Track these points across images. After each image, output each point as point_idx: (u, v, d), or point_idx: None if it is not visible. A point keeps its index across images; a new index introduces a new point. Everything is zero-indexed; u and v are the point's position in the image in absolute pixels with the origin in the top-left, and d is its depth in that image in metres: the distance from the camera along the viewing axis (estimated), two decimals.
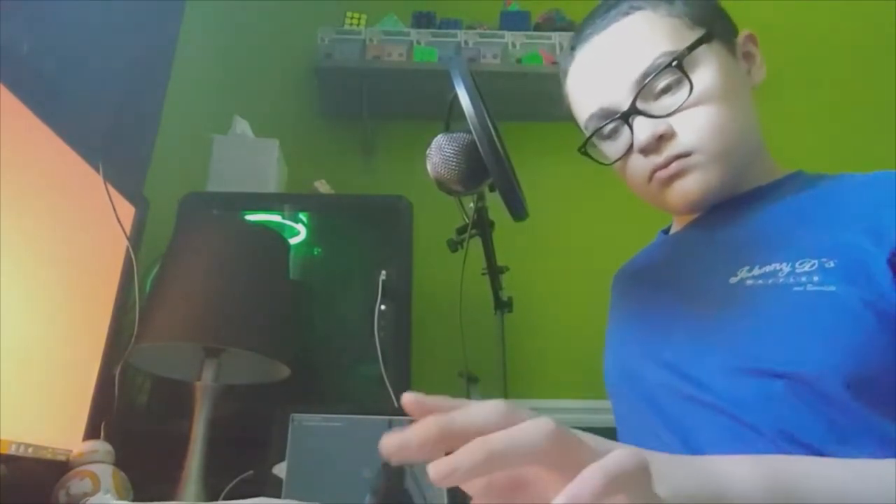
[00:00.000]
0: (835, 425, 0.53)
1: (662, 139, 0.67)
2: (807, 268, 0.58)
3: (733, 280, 0.64)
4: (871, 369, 0.53)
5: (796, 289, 0.58)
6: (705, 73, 0.67)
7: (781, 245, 0.62)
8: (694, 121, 0.66)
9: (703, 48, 0.67)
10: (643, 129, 0.67)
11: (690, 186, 0.68)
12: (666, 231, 0.86)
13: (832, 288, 0.56)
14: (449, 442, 0.32)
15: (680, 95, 0.66)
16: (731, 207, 0.71)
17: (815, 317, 0.56)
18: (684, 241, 0.78)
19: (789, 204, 0.67)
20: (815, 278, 0.57)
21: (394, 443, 0.33)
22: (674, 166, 0.67)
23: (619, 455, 0.31)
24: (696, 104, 0.66)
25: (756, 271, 0.62)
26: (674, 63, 0.65)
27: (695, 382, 0.62)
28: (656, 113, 0.67)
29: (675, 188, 0.69)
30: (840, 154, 1.75)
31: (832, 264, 0.57)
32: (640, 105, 0.67)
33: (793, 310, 0.57)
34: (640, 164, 0.70)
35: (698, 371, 0.62)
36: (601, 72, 0.71)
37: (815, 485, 0.44)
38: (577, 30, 0.76)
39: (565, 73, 0.78)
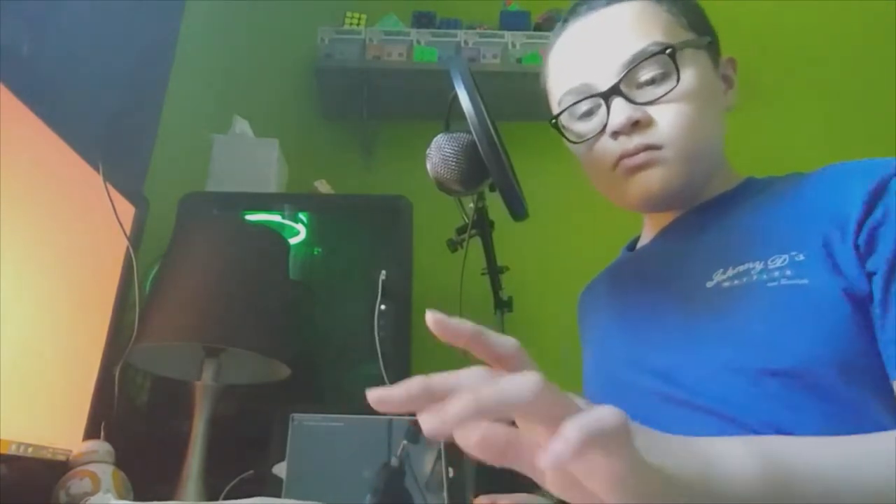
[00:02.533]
0: (829, 418, 0.54)
1: (638, 125, 0.66)
2: (778, 263, 0.59)
3: (709, 284, 0.64)
4: (856, 354, 0.54)
5: (770, 284, 0.59)
6: (691, 73, 0.67)
7: (752, 245, 0.63)
8: (671, 116, 0.66)
9: (692, 51, 0.68)
10: (621, 112, 0.66)
11: (653, 180, 0.68)
12: (630, 248, 0.86)
13: (805, 281, 0.57)
14: (431, 397, 0.33)
15: (663, 88, 0.66)
16: (696, 217, 0.72)
17: (792, 310, 0.57)
18: (653, 253, 0.78)
19: (752, 206, 0.68)
20: (788, 272, 0.58)
21: (377, 395, 0.33)
22: (642, 156, 0.67)
23: (600, 412, 0.31)
24: (676, 100, 0.66)
25: (730, 272, 0.63)
26: (668, 51, 0.65)
27: (685, 388, 0.62)
28: (637, 99, 0.67)
29: (638, 179, 0.68)
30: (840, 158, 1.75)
31: (802, 257, 0.58)
32: (622, 88, 0.67)
33: (770, 306, 0.58)
34: (608, 148, 0.69)
35: (687, 376, 0.62)
36: (591, 48, 0.70)
37: (808, 463, 0.43)
38: (574, 3, 0.75)
39: (551, 46, 0.76)
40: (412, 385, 0.33)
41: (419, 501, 0.86)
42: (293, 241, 1.36)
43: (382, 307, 1.23)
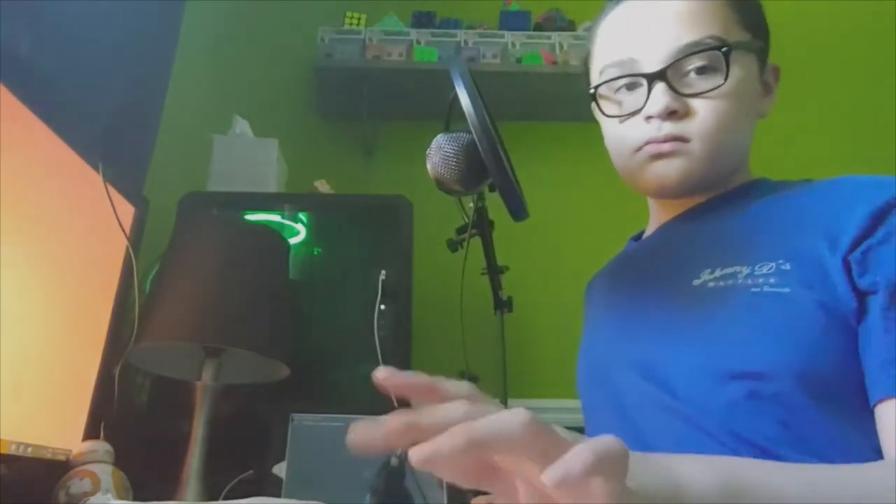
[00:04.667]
0: (788, 428, 0.54)
1: (674, 115, 0.66)
2: (765, 270, 0.59)
3: (696, 282, 0.64)
4: (823, 369, 0.54)
5: (753, 289, 0.59)
6: (738, 74, 0.67)
7: (743, 248, 0.63)
8: (708, 112, 0.66)
9: (743, 52, 0.68)
10: (661, 98, 0.66)
11: (672, 170, 0.68)
12: (636, 238, 0.86)
13: (786, 290, 0.57)
14: (417, 434, 0.33)
15: (708, 83, 0.66)
16: (698, 213, 0.72)
17: (768, 317, 0.57)
18: (652, 245, 0.78)
19: (752, 209, 0.68)
20: (772, 280, 0.58)
21: (359, 436, 0.33)
22: (668, 145, 0.67)
23: (606, 439, 0.32)
24: (717, 98, 0.66)
25: (717, 273, 0.63)
26: (723, 49, 0.65)
27: (660, 385, 0.62)
28: (679, 89, 0.67)
29: (658, 166, 0.68)
30: (848, 159, 1.75)
31: (788, 266, 0.58)
32: (669, 74, 0.66)
33: (748, 310, 0.58)
34: (637, 129, 0.69)
35: (663, 374, 0.63)
36: (646, 26, 0.69)
37: (771, 487, 0.43)
38: None
39: (604, 14, 0.75)
40: (394, 423, 0.33)
41: (419, 501, 0.86)
42: (293, 241, 1.36)
43: (382, 307, 1.23)
